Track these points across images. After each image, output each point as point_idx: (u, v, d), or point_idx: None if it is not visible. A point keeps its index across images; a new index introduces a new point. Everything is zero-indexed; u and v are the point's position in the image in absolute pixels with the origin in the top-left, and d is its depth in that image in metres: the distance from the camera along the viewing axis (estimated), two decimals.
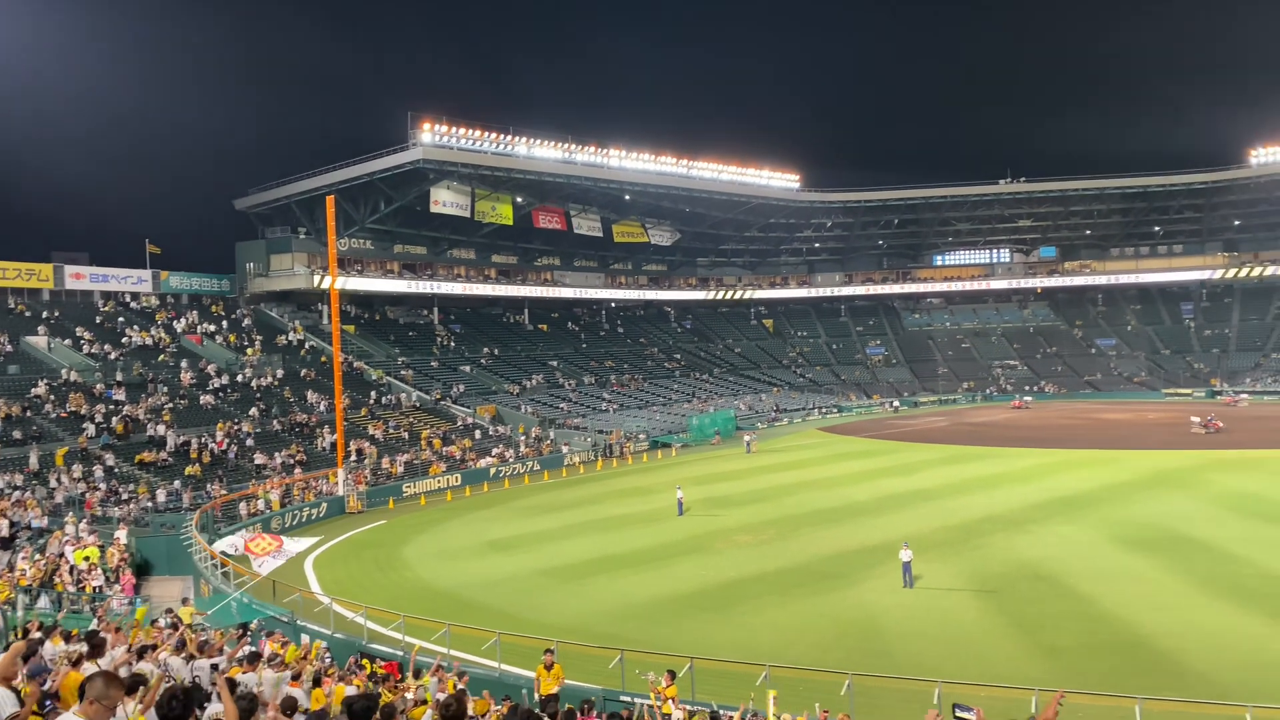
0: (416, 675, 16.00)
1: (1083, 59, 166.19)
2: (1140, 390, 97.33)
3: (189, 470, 43.99)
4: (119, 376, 52.58)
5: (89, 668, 9.27)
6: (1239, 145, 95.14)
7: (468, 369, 77.54)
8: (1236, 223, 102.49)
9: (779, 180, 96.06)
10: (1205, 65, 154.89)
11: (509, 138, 74.52)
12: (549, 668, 17.51)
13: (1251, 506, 36.67)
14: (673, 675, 16.92)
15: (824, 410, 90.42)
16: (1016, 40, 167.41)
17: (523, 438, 62.96)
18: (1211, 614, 23.16)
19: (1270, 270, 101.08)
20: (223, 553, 29.05)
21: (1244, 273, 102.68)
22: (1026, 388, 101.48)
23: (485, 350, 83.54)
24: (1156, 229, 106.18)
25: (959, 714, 13.73)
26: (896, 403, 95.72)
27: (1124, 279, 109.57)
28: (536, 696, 17.52)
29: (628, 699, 17.87)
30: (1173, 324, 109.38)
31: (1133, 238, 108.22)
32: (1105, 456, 53.52)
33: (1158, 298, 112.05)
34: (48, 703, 8.28)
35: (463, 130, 71.19)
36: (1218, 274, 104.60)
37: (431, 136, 69.32)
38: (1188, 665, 19.69)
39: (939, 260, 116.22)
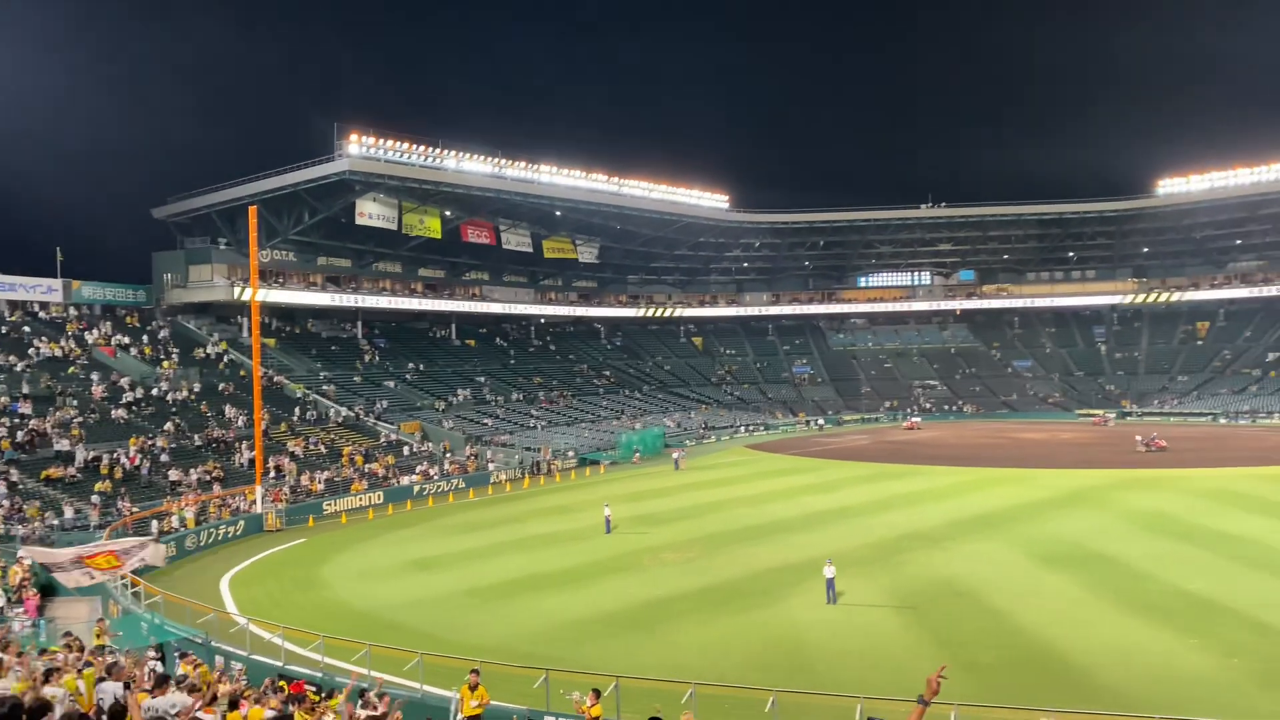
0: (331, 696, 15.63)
1: (1002, 87, 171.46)
2: (1055, 410, 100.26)
3: (99, 487, 42.46)
4: (25, 389, 50.60)
5: None
6: (1148, 175, 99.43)
7: (392, 384, 76.44)
8: (1145, 250, 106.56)
9: (708, 200, 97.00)
10: (1118, 96, 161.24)
11: (438, 151, 73.92)
12: (473, 688, 17.26)
13: (1159, 524, 37.95)
14: (597, 694, 16.83)
15: (751, 428, 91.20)
16: (939, 69, 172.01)
17: (448, 455, 62.23)
18: (1122, 629, 23.86)
19: (1176, 296, 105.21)
20: (35, 564, 27.31)
21: (1152, 298, 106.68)
22: (946, 407, 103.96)
23: (411, 365, 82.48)
24: (1071, 254, 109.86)
25: None
26: (821, 421, 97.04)
27: (1039, 302, 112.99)
28: (460, 718, 17.26)
29: (552, 719, 17.73)
30: (1086, 347, 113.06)
31: (1048, 262, 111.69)
32: (1021, 475, 54.93)
33: (1072, 321, 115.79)
34: None
35: (391, 142, 70.41)
36: (1128, 299, 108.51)
37: (359, 148, 68.41)
38: (1099, 679, 20.23)
39: (863, 282, 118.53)
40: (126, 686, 12.01)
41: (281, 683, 18.42)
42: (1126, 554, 32.41)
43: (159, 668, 17.40)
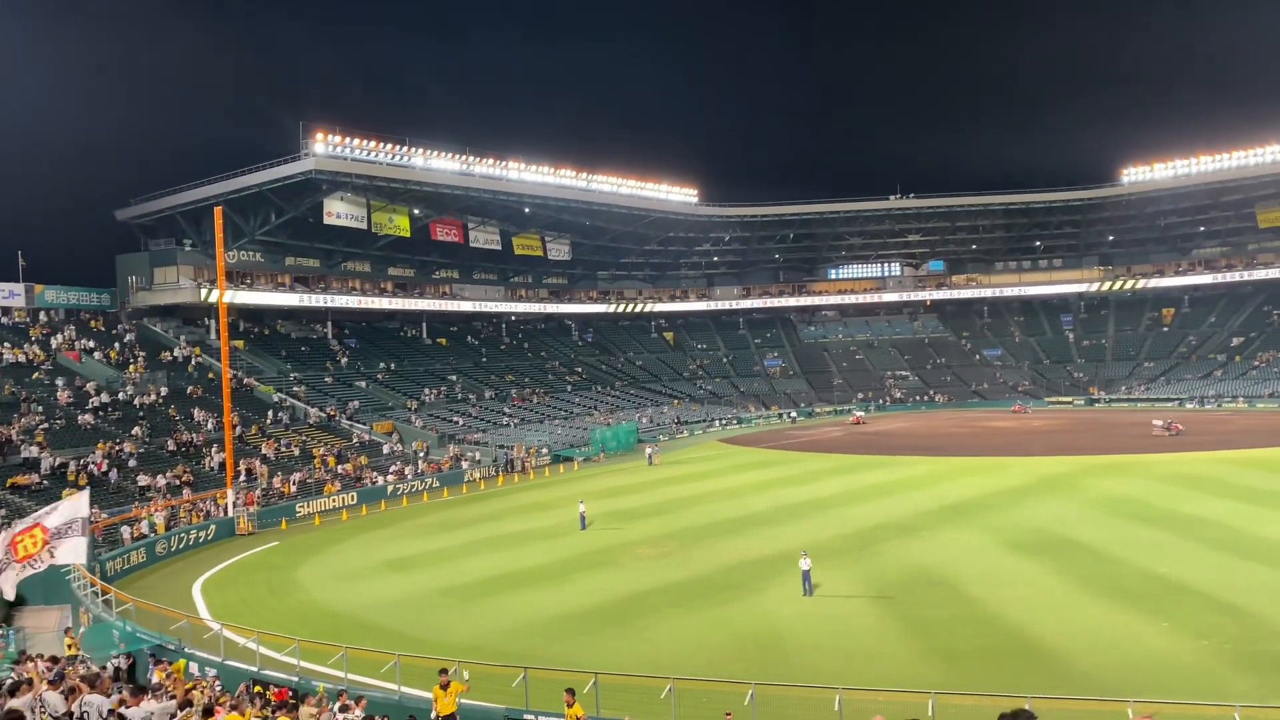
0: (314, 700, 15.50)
1: (968, 79, 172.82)
2: (1024, 399, 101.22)
3: (66, 493, 41.72)
4: None
5: None
6: (1112, 164, 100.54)
7: (363, 384, 75.92)
8: (1111, 238, 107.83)
9: (677, 195, 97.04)
10: (1082, 86, 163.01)
11: (405, 149, 73.39)
12: (444, 688, 17.18)
13: (1127, 509, 38.44)
14: (572, 693, 16.75)
15: (724, 422, 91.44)
16: (907, 63, 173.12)
17: (421, 454, 61.90)
18: (1094, 614, 24.15)
19: (1141, 283, 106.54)
20: None
21: (1117, 285, 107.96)
22: (918, 397, 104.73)
23: (382, 365, 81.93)
24: (1038, 244, 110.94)
25: None
26: (794, 413, 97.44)
27: (1008, 292, 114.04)
28: (434, 717, 17.17)
29: (531, 717, 17.69)
30: (1054, 335, 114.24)
31: (1015, 252, 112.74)
32: (991, 464, 55.44)
33: (1040, 310, 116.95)
34: None
35: (357, 141, 69.84)
36: (1094, 287, 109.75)
37: (325, 147, 67.79)
38: (1073, 664, 20.46)
39: (833, 274, 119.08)
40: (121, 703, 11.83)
41: (258, 688, 18.27)
42: (1097, 539, 32.80)
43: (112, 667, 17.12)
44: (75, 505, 18.29)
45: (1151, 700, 16.40)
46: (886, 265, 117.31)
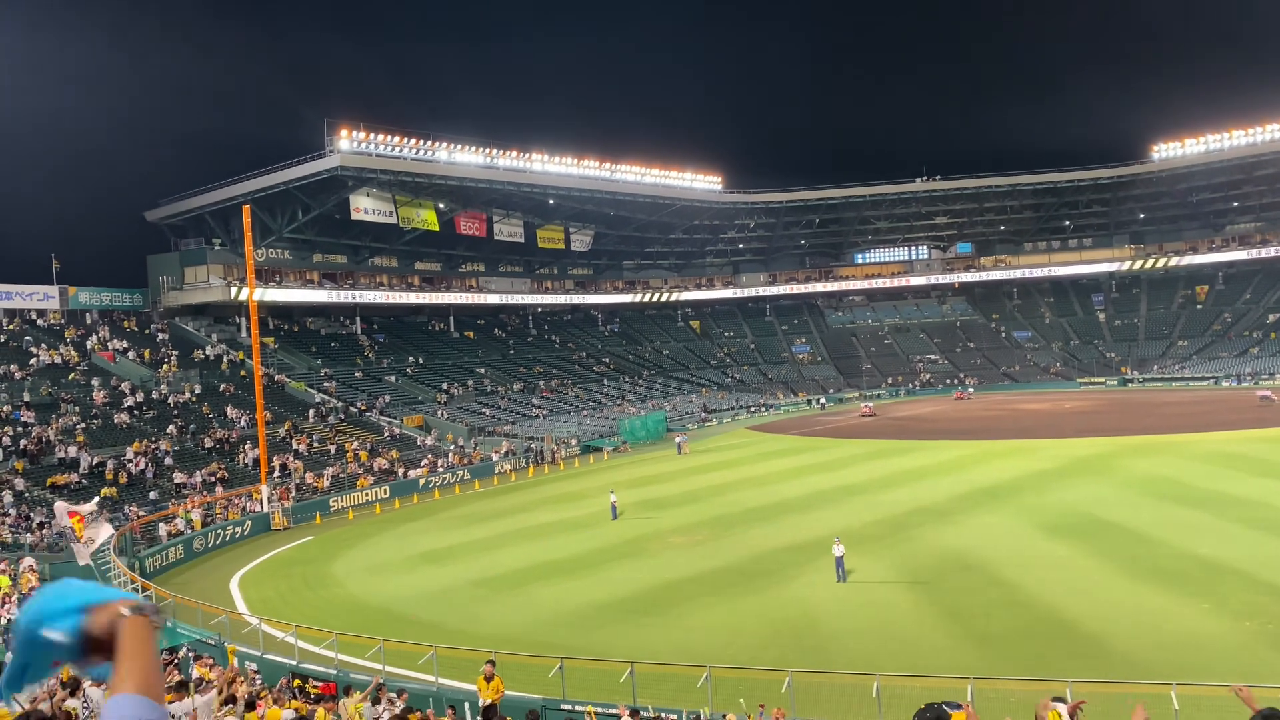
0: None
1: (994, 58, 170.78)
2: (1056, 380, 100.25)
3: (105, 492, 42.41)
4: (26, 397, 50.55)
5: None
6: (1142, 141, 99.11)
7: (393, 379, 76.39)
8: (1142, 216, 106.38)
9: (701, 182, 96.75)
10: (1111, 61, 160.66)
11: (429, 143, 73.65)
12: (489, 679, 17.28)
13: (1163, 489, 37.99)
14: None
15: (752, 409, 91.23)
16: (931, 42, 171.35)
17: (452, 447, 62.24)
18: (1132, 595, 23.89)
19: (1174, 261, 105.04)
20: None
21: (1149, 264, 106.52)
22: (948, 380, 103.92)
23: (410, 359, 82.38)
24: (1067, 223, 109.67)
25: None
26: (823, 399, 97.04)
27: (1037, 272, 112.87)
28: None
29: (568, 707, 17.75)
30: (1085, 315, 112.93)
31: (1044, 232, 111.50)
32: (1024, 446, 54.96)
33: (1070, 290, 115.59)
34: None
35: (381, 136, 70.16)
36: (1125, 266, 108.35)
37: (349, 143, 68.16)
38: (1113, 647, 20.26)
39: (860, 258, 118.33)
40: None
41: (297, 681, 18.45)
42: (1133, 520, 32.44)
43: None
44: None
45: (1194, 682, 16.20)
46: (914, 248, 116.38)
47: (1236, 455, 45.60)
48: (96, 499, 30.88)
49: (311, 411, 62.47)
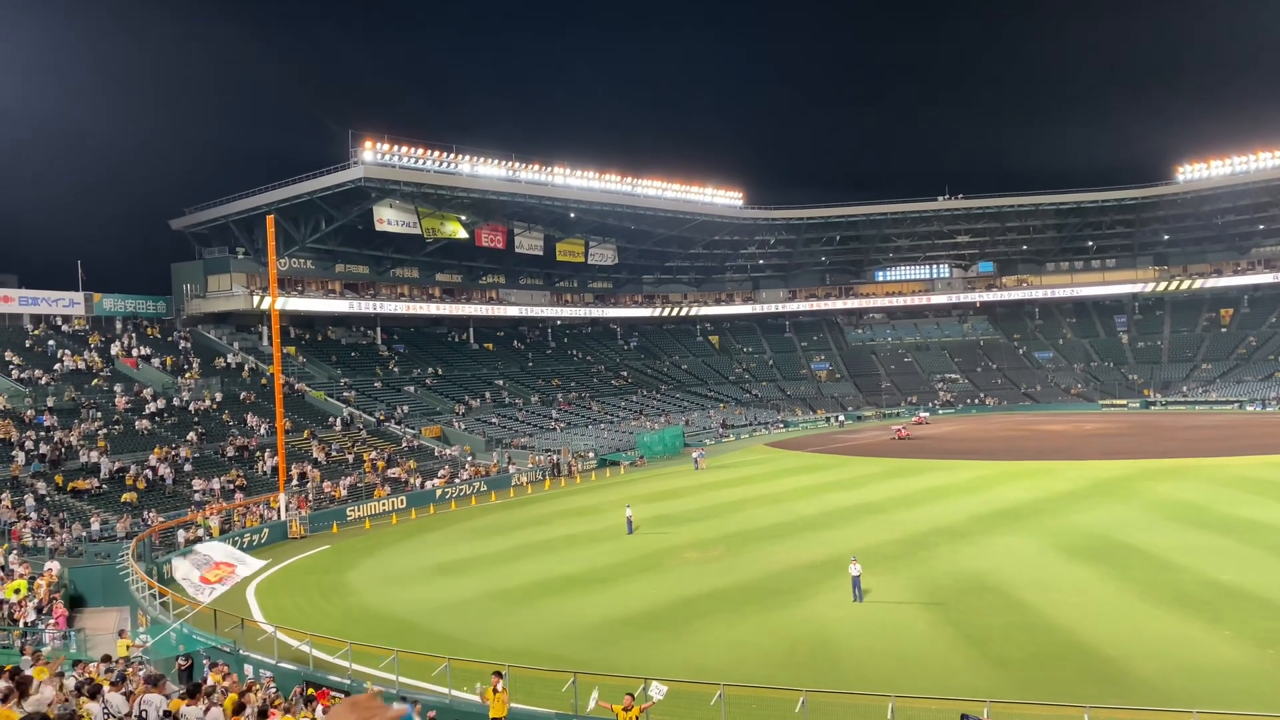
0: None
1: (1019, 78, 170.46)
2: (1077, 402, 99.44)
3: (125, 497, 42.77)
4: (50, 402, 51.04)
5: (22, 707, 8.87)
6: (1167, 162, 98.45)
7: (412, 389, 76.68)
8: (1166, 237, 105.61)
9: (722, 198, 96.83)
10: (1136, 82, 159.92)
11: (452, 156, 74.11)
12: (496, 690, 17.27)
13: (1185, 514, 37.57)
14: (632, 697, 16.74)
15: (770, 426, 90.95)
16: (956, 61, 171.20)
17: (469, 458, 62.33)
18: (1153, 621, 23.61)
19: (1198, 283, 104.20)
20: (180, 578, 27.43)
21: (1173, 286, 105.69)
22: (969, 400, 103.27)
23: (430, 370, 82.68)
24: (1090, 243, 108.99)
25: None
26: (841, 417, 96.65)
27: (1060, 293, 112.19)
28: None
29: None
30: (1107, 336, 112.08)
31: (1067, 252, 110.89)
32: (1044, 467, 54.51)
33: (1092, 311, 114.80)
34: None
35: (405, 149, 70.71)
36: (1149, 287, 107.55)
37: (373, 155, 68.69)
38: (1132, 673, 20.02)
39: (880, 276, 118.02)
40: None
41: (310, 690, 18.49)
42: (1154, 545, 32.09)
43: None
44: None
45: (1215, 710, 15.99)
46: (935, 267, 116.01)
47: (1261, 480, 45.06)
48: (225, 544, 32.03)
49: (334, 420, 62.70)
